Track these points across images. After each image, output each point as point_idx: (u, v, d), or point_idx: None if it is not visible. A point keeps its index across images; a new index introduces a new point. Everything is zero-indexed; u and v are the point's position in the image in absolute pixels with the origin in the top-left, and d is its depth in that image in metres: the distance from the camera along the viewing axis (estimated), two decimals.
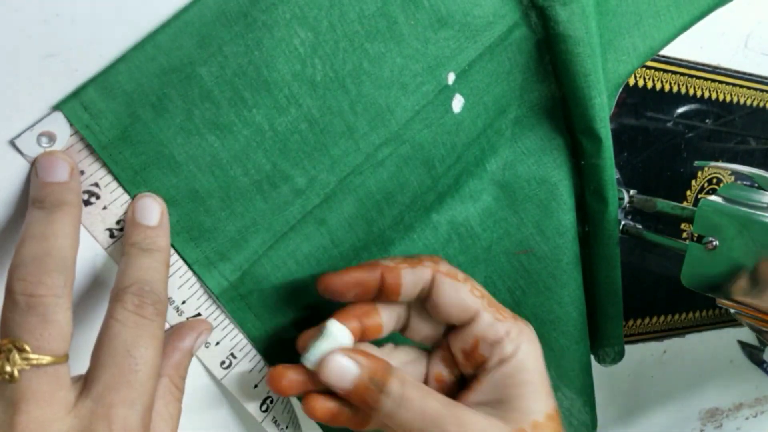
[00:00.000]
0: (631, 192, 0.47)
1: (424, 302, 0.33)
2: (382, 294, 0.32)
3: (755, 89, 0.55)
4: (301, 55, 0.31)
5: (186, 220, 0.31)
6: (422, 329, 0.34)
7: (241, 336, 0.34)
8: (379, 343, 0.34)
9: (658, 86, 0.49)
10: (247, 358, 0.35)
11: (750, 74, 0.54)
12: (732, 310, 0.41)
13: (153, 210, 0.29)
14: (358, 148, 0.34)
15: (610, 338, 0.47)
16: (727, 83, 0.53)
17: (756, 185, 0.41)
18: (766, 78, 0.55)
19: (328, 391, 0.31)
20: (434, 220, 0.39)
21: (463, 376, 0.34)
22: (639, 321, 0.55)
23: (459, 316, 0.32)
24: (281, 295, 0.34)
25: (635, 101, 0.48)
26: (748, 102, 0.55)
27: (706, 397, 0.67)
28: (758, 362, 0.67)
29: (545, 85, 0.39)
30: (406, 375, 0.30)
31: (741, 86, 0.54)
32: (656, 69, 0.48)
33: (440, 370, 0.34)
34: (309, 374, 0.31)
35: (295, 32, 0.30)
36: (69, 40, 0.28)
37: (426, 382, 0.34)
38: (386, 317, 0.33)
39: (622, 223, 0.47)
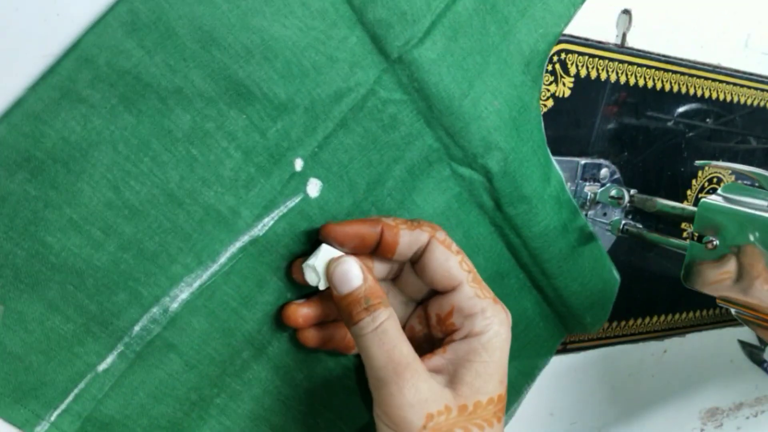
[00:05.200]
0: (632, 192, 0.47)
1: (414, 264, 0.35)
2: (378, 250, 0.33)
3: (756, 88, 0.55)
4: (111, 181, 0.29)
5: (4, 383, 0.29)
6: (410, 284, 0.36)
7: None
8: None
9: (659, 86, 0.49)
10: None
11: (750, 73, 0.54)
12: (732, 310, 0.41)
13: None
14: (200, 261, 0.32)
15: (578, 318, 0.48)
16: (728, 83, 0.53)
17: (757, 185, 0.41)
18: (766, 77, 0.55)
19: (318, 323, 0.35)
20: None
21: (431, 337, 0.36)
22: (639, 321, 0.55)
23: (443, 283, 0.34)
24: (136, 430, 0.33)
25: (635, 101, 0.48)
26: (749, 101, 0.55)
27: (706, 397, 0.67)
28: (758, 362, 0.67)
29: (423, 139, 0.37)
30: (396, 316, 0.32)
31: (741, 85, 0.54)
32: (656, 68, 0.48)
33: (414, 324, 0.36)
34: (318, 307, 0.34)
35: (97, 159, 0.28)
36: (69, 40, 0.28)
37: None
38: (378, 266, 0.35)
39: (622, 222, 0.47)
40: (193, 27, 0.28)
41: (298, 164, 0.33)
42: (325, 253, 0.33)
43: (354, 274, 0.32)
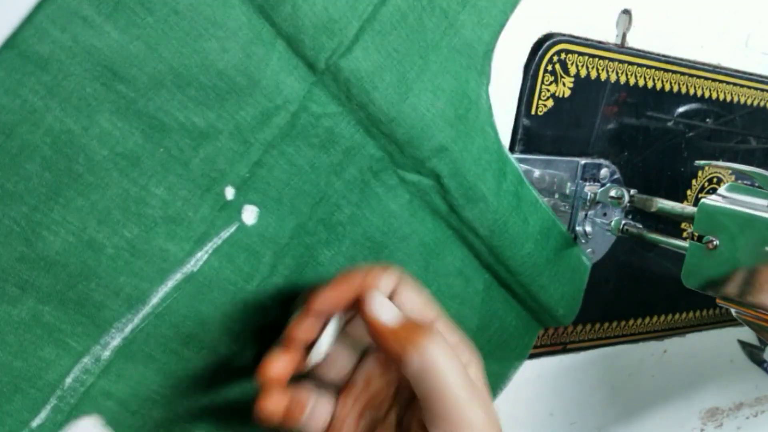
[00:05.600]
0: (632, 192, 0.47)
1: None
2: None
3: (756, 88, 0.55)
4: (20, 233, 0.27)
5: None
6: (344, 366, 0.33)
7: None
8: None
9: (659, 86, 0.49)
10: None
11: (750, 73, 0.54)
12: (732, 310, 0.41)
13: None
14: (130, 305, 0.30)
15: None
16: (728, 82, 0.53)
17: (756, 185, 0.41)
18: (766, 77, 0.55)
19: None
20: (268, 338, 0.35)
21: None
22: (639, 321, 0.55)
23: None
24: None
25: (635, 101, 0.48)
26: (749, 101, 0.55)
27: (706, 397, 0.67)
28: (758, 362, 0.67)
29: (365, 150, 0.35)
30: None
31: (741, 85, 0.54)
32: (656, 68, 0.48)
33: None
34: (298, 361, 0.30)
35: (3, 213, 0.27)
36: None
37: None
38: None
39: (622, 222, 0.47)
40: (90, 64, 0.26)
41: (229, 193, 0.31)
42: (331, 330, 0.30)
43: (388, 305, 0.29)
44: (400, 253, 0.38)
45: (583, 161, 0.46)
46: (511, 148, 0.43)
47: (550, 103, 0.43)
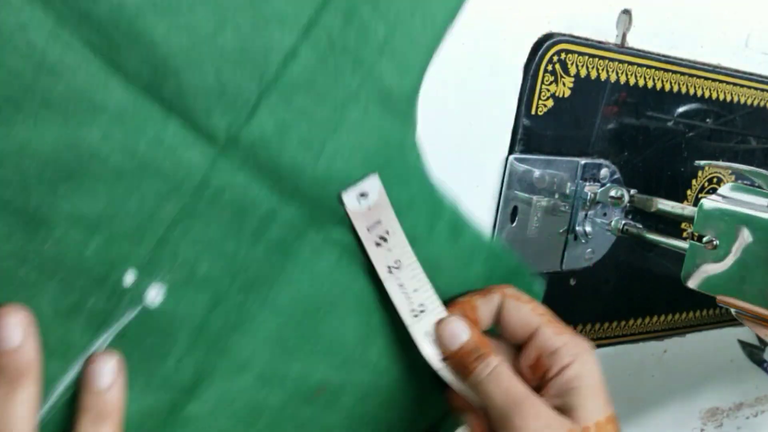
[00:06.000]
0: (631, 192, 0.47)
1: (496, 326, 0.37)
2: None
3: (756, 89, 0.55)
4: None
5: None
6: (495, 347, 0.37)
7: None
8: None
9: (659, 86, 0.49)
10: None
11: (751, 73, 0.54)
12: (732, 310, 0.41)
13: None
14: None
15: None
16: (728, 83, 0.53)
17: (756, 185, 0.41)
18: (766, 77, 0.55)
19: None
20: (193, 412, 0.33)
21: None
22: (639, 321, 0.55)
23: (522, 333, 0.36)
24: None
25: (635, 101, 0.48)
26: (749, 101, 0.55)
27: (706, 397, 0.67)
28: (758, 362, 0.67)
29: (282, 213, 0.32)
30: (506, 361, 0.35)
31: (742, 86, 0.54)
32: (656, 68, 0.48)
33: None
34: None
35: None
36: None
37: None
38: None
39: (622, 222, 0.47)
40: None
41: (130, 277, 0.29)
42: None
43: (461, 329, 0.34)
44: (337, 311, 0.36)
45: (583, 161, 0.47)
46: (511, 148, 0.43)
47: (550, 103, 0.43)
